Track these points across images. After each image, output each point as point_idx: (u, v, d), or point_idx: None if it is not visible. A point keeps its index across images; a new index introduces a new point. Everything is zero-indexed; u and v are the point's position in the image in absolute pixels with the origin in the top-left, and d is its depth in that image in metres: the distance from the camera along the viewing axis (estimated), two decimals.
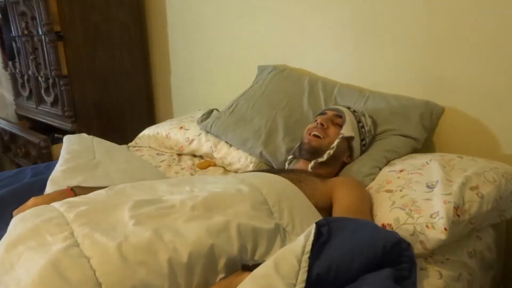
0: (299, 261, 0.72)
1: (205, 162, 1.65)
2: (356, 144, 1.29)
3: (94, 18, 2.34)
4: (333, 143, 1.25)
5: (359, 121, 1.31)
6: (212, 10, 2.17)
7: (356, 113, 1.33)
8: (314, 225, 0.79)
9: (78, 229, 0.80)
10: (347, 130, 1.27)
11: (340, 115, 1.31)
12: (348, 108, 1.36)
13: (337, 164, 1.31)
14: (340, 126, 1.29)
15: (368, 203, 1.09)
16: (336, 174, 1.31)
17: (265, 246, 0.86)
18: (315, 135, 1.27)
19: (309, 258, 0.73)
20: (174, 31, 2.45)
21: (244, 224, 0.86)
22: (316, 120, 1.32)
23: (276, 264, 0.72)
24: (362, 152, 1.33)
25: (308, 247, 0.75)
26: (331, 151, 1.24)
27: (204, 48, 2.29)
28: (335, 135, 1.27)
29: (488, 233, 1.16)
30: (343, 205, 1.06)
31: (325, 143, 1.26)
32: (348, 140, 1.28)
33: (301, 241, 0.76)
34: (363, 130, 1.31)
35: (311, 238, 0.76)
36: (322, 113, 1.35)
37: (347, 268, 0.75)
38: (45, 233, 0.80)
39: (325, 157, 1.24)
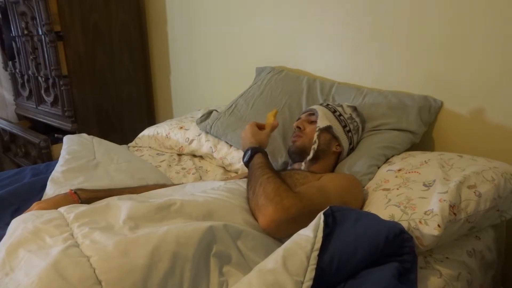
0: (308, 258, 0.73)
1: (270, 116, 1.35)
2: (338, 132, 1.30)
3: (94, 18, 2.34)
4: (313, 139, 1.27)
5: (334, 111, 1.33)
6: (211, 10, 2.17)
7: (329, 106, 1.36)
8: (322, 217, 0.79)
9: (77, 229, 0.81)
10: (322, 121, 1.28)
11: (313, 113, 1.35)
12: (321, 104, 1.39)
13: (329, 157, 1.31)
14: (316, 122, 1.31)
15: (343, 194, 1.04)
16: (333, 168, 1.32)
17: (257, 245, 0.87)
18: (295, 139, 1.31)
19: (318, 255, 0.73)
20: (174, 31, 2.45)
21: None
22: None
23: (284, 259, 0.72)
24: (352, 138, 1.33)
25: (318, 243, 0.74)
26: (315, 146, 1.25)
27: (203, 48, 2.29)
28: (313, 131, 1.29)
29: (488, 233, 1.15)
30: (314, 184, 1.03)
31: (306, 141, 1.28)
32: (328, 130, 1.29)
33: (310, 236, 0.76)
34: (341, 118, 1.32)
35: (321, 233, 0.76)
36: (297, 119, 1.39)
37: (349, 260, 0.75)
38: (45, 235, 0.80)
39: (311, 153, 1.25)
